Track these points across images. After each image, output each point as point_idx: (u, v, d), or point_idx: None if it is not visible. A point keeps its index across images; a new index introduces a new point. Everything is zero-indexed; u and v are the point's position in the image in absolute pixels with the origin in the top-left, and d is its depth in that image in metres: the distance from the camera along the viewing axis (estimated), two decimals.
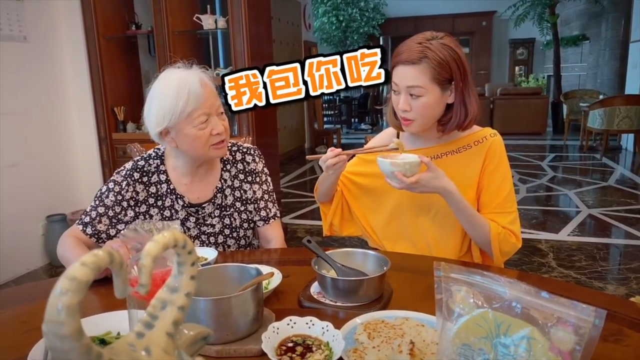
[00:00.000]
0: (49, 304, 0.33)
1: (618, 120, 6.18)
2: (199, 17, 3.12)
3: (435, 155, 1.34)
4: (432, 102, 1.23)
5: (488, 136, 1.33)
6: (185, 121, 1.23)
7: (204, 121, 1.24)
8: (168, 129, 1.25)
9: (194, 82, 1.22)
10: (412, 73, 1.20)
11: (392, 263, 1.03)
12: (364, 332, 0.83)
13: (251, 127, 3.11)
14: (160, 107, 1.22)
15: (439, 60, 1.19)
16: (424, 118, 1.26)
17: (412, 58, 1.20)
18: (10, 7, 2.95)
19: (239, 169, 1.43)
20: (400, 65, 1.22)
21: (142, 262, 0.38)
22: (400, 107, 1.25)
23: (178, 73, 1.24)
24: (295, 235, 3.72)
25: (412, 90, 1.22)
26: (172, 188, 1.36)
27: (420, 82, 1.20)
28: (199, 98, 1.22)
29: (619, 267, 3.04)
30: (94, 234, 1.30)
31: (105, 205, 1.31)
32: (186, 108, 1.21)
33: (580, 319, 0.49)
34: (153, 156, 1.38)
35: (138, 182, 1.34)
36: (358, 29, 11.40)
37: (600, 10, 8.37)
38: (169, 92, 1.21)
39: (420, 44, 1.21)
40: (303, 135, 7.97)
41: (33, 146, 3.17)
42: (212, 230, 1.39)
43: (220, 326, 0.82)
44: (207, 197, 1.38)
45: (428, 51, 1.19)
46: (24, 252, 3.12)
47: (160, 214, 1.35)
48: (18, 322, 0.99)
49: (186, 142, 1.26)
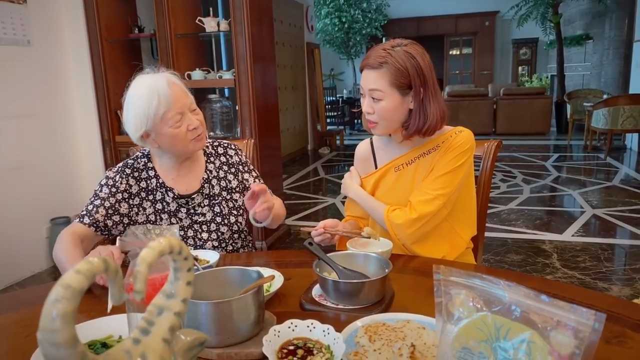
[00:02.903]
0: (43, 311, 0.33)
1: (622, 120, 6.15)
2: (202, 20, 3.12)
3: (408, 161, 1.40)
4: (392, 106, 1.30)
5: (453, 133, 1.37)
6: (161, 123, 1.30)
7: (178, 120, 1.32)
8: (147, 132, 1.33)
9: (162, 85, 1.29)
10: (373, 77, 1.28)
11: (394, 265, 1.03)
12: (365, 335, 0.83)
13: (254, 129, 3.12)
14: (135, 114, 1.30)
15: (397, 67, 1.26)
16: (385, 121, 1.32)
17: (374, 63, 1.28)
18: (14, 11, 2.97)
19: (222, 161, 1.51)
20: (365, 69, 1.31)
21: (138, 269, 0.38)
22: (364, 109, 1.34)
23: (146, 79, 1.32)
24: (298, 237, 3.73)
25: (373, 94, 1.30)
26: (162, 182, 1.43)
27: (380, 85, 1.28)
28: (169, 99, 1.29)
29: (624, 267, 3.02)
30: (92, 223, 1.35)
31: (101, 197, 1.38)
32: (159, 110, 1.29)
33: (579, 323, 0.49)
34: (140, 156, 1.47)
35: (130, 177, 1.42)
36: (360, 30, 11.41)
37: (604, 9, 8.34)
38: (141, 98, 1.29)
39: (384, 50, 1.28)
40: (306, 136, 7.97)
41: (37, 149, 3.19)
42: (204, 219, 1.45)
43: (221, 329, 0.82)
44: (195, 188, 1.45)
45: (389, 57, 1.26)
46: (29, 255, 3.13)
47: (153, 206, 1.42)
48: (20, 325, 0.99)
49: (166, 141, 1.34)
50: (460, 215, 1.41)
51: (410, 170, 1.39)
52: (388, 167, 1.43)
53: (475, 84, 11.71)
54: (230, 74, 3.12)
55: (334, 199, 4.84)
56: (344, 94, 11.26)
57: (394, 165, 1.42)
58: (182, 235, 1.44)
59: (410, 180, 1.39)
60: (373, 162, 1.49)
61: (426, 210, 1.31)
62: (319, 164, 6.92)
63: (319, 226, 1.32)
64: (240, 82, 3.06)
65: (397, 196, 1.40)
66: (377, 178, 1.44)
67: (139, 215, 1.41)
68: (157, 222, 1.42)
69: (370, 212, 1.42)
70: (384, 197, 1.42)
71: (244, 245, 1.54)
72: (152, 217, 1.42)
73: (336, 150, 8.06)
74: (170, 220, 1.42)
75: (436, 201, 1.31)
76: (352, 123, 10.54)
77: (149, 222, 1.42)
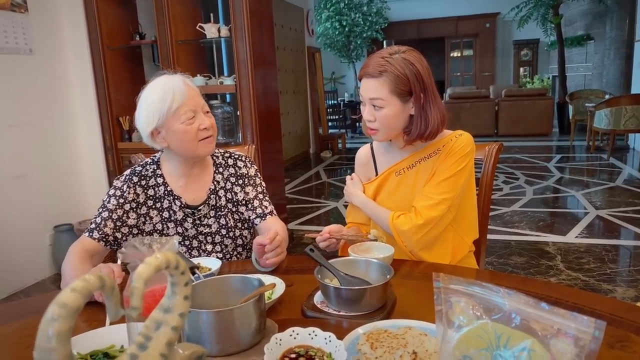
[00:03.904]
0: (39, 330, 0.33)
1: (625, 120, 6.13)
2: (202, 26, 3.14)
3: (409, 165, 1.40)
4: (394, 113, 1.30)
5: (453, 137, 1.37)
6: (173, 118, 1.31)
7: (191, 117, 1.32)
8: (158, 128, 1.33)
9: (177, 82, 1.32)
10: (373, 85, 1.28)
11: (396, 270, 1.03)
12: (367, 342, 0.83)
13: (255, 134, 3.12)
14: (149, 109, 1.31)
15: (397, 74, 1.26)
16: (387, 128, 1.33)
17: (373, 72, 1.28)
18: (16, 20, 2.99)
19: (230, 172, 1.49)
20: (364, 78, 1.31)
21: (134, 285, 0.38)
22: (365, 118, 1.34)
23: (162, 79, 1.34)
24: (301, 241, 3.72)
25: (374, 102, 1.30)
26: (170, 190, 1.42)
27: (381, 94, 1.28)
28: (184, 95, 1.31)
29: (629, 268, 3.00)
30: (101, 237, 1.35)
31: (109, 209, 1.37)
32: (172, 105, 1.29)
33: (579, 330, 0.49)
34: (149, 162, 1.46)
35: (137, 185, 1.41)
36: (361, 33, 11.43)
37: (604, 9, 8.33)
38: (156, 94, 1.31)
39: (383, 58, 1.29)
40: (308, 140, 7.98)
41: (39, 157, 3.20)
42: (209, 230, 1.44)
43: (222, 338, 0.82)
44: (202, 199, 1.44)
45: (388, 65, 1.26)
46: (32, 263, 3.14)
47: (160, 215, 1.41)
48: (22, 335, 0.99)
49: (176, 138, 1.33)
50: (463, 219, 1.41)
51: (411, 175, 1.40)
52: (389, 171, 1.43)
53: (477, 86, 11.72)
54: (231, 80, 3.13)
55: (337, 202, 4.84)
56: (345, 97, 11.27)
57: (394, 170, 1.42)
58: (187, 245, 1.43)
59: (411, 185, 1.40)
60: (373, 167, 1.50)
61: (432, 215, 1.31)
62: (321, 167, 6.93)
63: (324, 231, 1.32)
64: (242, 87, 3.07)
65: (399, 200, 1.40)
66: (378, 183, 1.45)
67: (146, 225, 1.40)
68: (164, 231, 1.41)
69: (375, 218, 1.42)
70: (385, 202, 1.43)
71: (248, 257, 1.53)
72: (159, 225, 1.41)
73: (338, 153, 8.06)
74: (177, 229, 1.42)
75: (441, 205, 1.31)
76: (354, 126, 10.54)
77: (156, 231, 1.41)
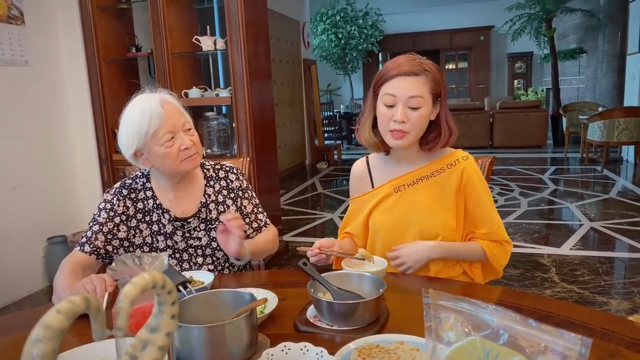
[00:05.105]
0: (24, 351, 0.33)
1: (618, 132, 6.19)
2: (198, 39, 3.16)
3: (410, 182, 1.38)
4: (428, 114, 1.30)
5: (460, 159, 1.37)
6: (152, 140, 1.30)
7: (170, 139, 1.31)
8: (139, 150, 1.33)
9: (154, 103, 1.30)
10: (414, 84, 1.27)
11: (389, 284, 1.03)
12: (359, 357, 0.83)
13: (251, 146, 3.13)
14: (128, 131, 1.31)
15: (434, 75, 1.29)
16: (417, 130, 1.31)
17: (415, 70, 1.27)
18: (12, 32, 3.00)
19: (222, 185, 1.49)
20: (401, 76, 1.27)
21: (120, 305, 0.38)
22: (397, 119, 1.27)
23: (141, 98, 1.33)
24: (296, 253, 3.71)
25: (411, 102, 1.27)
26: (159, 203, 1.42)
27: (421, 92, 1.27)
28: (161, 118, 1.29)
29: (623, 281, 3.01)
30: (92, 251, 1.34)
31: (99, 222, 1.37)
32: (150, 128, 1.29)
33: (566, 348, 0.49)
34: (139, 175, 1.46)
35: (127, 198, 1.41)
36: (357, 46, 11.52)
37: (597, 23, 8.45)
38: (134, 116, 1.30)
39: (414, 60, 1.30)
40: (304, 151, 8.00)
41: (34, 168, 3.19)
42: (199, 243, 1.44)
43: (213, 353, 0.82)
44: (192, 212, 1.43)
45: (426, 65, 1.29)
46: (25, 275, 3.12)
47: (149, 228, 1.41)
48: (14, 349, 0.98)
49: (158, 160, 1.33)
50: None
51: (411, 192, 1.37)
52: (387, 186, 1.40)
53: (472, 98, 11.79)
54: (227, 92, 3.14)
55: (332, 214, 4.84)
56: (341, 109, 11.33)
57: (394, 185, 1.39)
58: (178, 258, 1.42)
59: (412, 202, 1.37)
60: (369, 182, 1.47)
61: (506, 234, 1.39)
62: (317, 178, 6.93)
63: (314, 246, 1.30)
64: (237, 99, 3.08)
65: (397, 217, 1.38)
66: (378, 198, 1.41)
67: (136, 237, 1.40)
68: (153, 244, 1.41)
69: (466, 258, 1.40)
70: (382, 217, 1.40)
71: (240, 269, 1.52)
72: (149, 239, 1.41)
73: (334, 165, 8.07)
74: (167, 243, 1.41)
75: (501, 222, 1.38)
76: (350, 137, 10.58)
77: (146, 245, 1.41)
